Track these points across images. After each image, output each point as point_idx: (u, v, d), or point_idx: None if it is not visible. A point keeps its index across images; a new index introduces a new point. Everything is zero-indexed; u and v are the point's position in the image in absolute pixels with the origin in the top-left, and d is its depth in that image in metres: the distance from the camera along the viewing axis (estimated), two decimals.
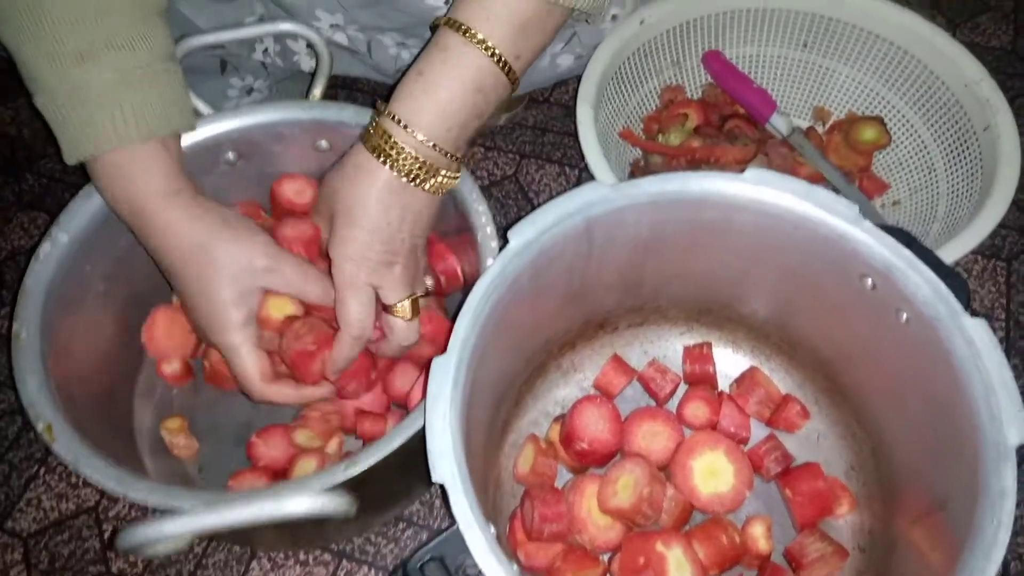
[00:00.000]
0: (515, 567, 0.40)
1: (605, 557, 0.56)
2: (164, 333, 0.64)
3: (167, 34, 0.54)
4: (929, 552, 0.47)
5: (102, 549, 0.65)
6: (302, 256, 0.58)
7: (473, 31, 0.50)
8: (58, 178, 0.87)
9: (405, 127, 0.50)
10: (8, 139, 0.91)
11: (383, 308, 0.55)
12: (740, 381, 0.63)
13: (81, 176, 0.55)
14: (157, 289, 0.65)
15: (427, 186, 0.52)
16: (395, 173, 0.51)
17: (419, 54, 0.52)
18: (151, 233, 0.52)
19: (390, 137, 0.50)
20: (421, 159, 0.51)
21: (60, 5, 0.48)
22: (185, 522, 0.43)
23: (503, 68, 0.51)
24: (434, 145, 0.51)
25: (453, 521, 0.40)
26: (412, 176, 0.51)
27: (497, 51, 0.50)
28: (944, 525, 0.45)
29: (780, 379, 0.63)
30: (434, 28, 0.52)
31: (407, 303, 0.55)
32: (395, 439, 0.49)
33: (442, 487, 0.41)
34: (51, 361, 0.52)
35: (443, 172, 0.52)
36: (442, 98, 0.50)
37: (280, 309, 0.56)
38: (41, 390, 0.50)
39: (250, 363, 0.54)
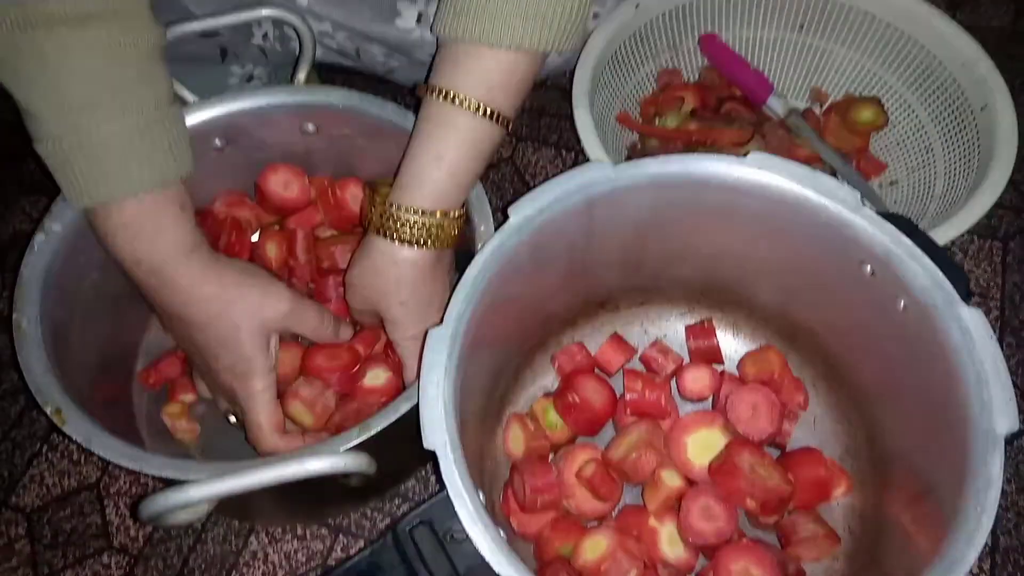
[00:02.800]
0: (501, 533, 0.40)
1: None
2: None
3: (167, 75, 0.53)
4: (916, 536, 0.47)
5: (104, 524, 0.66)
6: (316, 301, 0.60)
7: (471, 100, 0.50)
8: None
9: (419, 209, 0.51)
10: (8, 125, 0.91)
11: None
12: (752, 358, 0.62)
13: None
14: None
15: (448, 239, 0.53)
16: (419, 249, 0.52)
17: (415, 127, 0.53)
18: (174, 290, 0.52)
19: (406, 222, 0.52)
20: (437, 223, 0.52)
21: (66, 55, 0.47)
22: (212, 486, 0.44)
23: (502, 124, 0.52)
24: (447, 211, 0.53)
25: (444, 489, 0.41)
26: (433, 240, 0.52)
27: (496, 111, 0.51)
28: (932, 510, 0.45)
29: None
30: (418, 93, 0.53)
31: None
32: (403, 405, 0.49)
33: (432, 454, 0.42)
34: (51, 348, 0.53)
35: (455, 215, 0.54)
36: (452, 171, 0.52)
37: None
38: (47, 375, 0.51)
39: (267, 412, 0.55)
